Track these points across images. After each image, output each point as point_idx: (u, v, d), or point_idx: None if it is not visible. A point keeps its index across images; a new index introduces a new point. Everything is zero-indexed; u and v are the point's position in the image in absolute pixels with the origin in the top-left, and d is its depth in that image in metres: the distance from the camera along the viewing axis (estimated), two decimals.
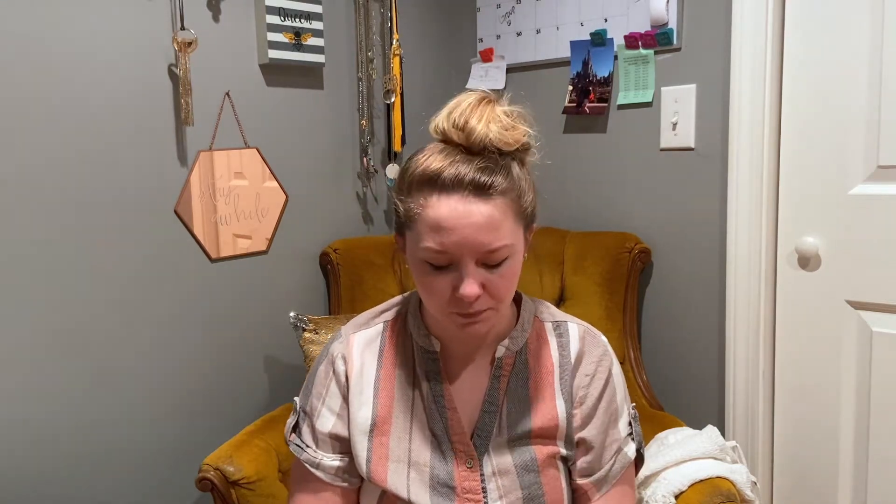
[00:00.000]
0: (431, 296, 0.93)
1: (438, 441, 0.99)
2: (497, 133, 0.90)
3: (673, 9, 1.76)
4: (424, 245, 0.89)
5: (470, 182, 0.88)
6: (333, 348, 1.06)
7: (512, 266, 0.92)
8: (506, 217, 0.90)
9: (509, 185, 0.91)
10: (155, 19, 1.62)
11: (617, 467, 1.02)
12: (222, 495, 1.42)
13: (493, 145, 0.90)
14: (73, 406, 1.57)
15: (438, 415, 1.00)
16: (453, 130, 0.91)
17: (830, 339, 1.65)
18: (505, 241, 0.90)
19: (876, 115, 1.53)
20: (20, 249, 1.48)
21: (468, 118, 0.90)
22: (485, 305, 0.91)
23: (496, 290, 0.91)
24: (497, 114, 0.91)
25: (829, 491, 1.68)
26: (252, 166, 1.82)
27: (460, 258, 0.89)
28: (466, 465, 0.99)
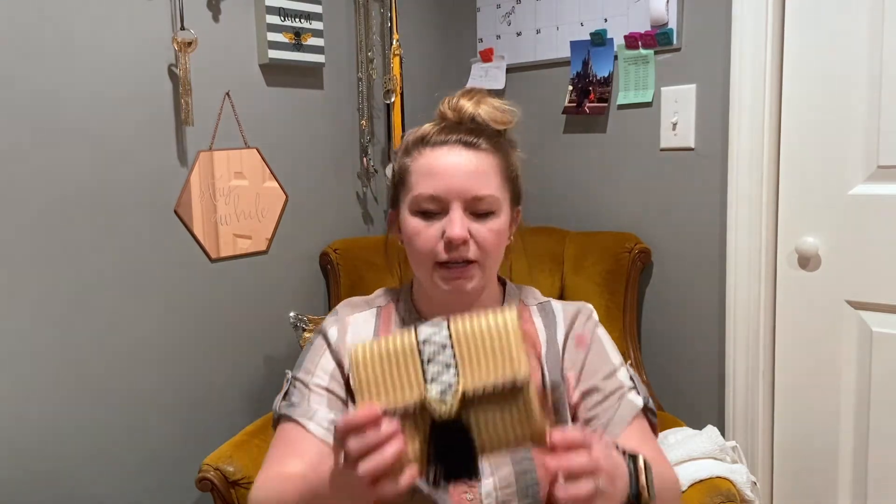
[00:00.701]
0: (421, 249, 0.98)
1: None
2: (486, 112, 1.01)
3: (673, 9, 1.76)
4: (416, 193, 0.97)
5: (458, 139, 0.99)
6: (328, 323, 1.08)
7: (498, 224, 0.99)
8: (492, 171, 0.99)
9: (495, 148, 1.01)
10: (155, 19, 1.62)
11: (623, 412, 1.00)
12: (222, 495, 1.42)
13: (482, 121, 1.01)
14: (73, 406, 1.57)
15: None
16: (448, 110, 1.03)
17: (830, 339, 1.65)
18: (492, 191, 0.98)
19: (876, 116, 1.53)
20: (19, 249, 1.48)
21: (460, 99, 1.03)
22: (471, 255, 0.97)
23: (482, 241, 0.97)
24: (488, 100, 1.03)
25: (828, 491, 1.68)
26: (252, 166, 1.82)
27: (449, 203, 0.96)
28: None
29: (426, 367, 0.72)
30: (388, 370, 0.72)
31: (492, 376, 0.71)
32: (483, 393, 0.72)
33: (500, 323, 0.73)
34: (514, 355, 0.72)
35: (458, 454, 0.72)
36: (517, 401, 0.72)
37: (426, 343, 0.73)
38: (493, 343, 0.72)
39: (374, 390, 0.72)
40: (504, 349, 0.72)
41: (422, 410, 0.72)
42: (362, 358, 0.73)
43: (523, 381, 0.71)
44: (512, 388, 0.71)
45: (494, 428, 0.72)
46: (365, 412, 0.69)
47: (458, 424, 0.72)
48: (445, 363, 0.72)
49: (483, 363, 0.72)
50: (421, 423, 0.72)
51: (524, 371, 0.71)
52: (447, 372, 0.72)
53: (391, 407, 0.71)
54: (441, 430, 0.72)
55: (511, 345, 0.72)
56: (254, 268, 1.85)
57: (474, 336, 0.73)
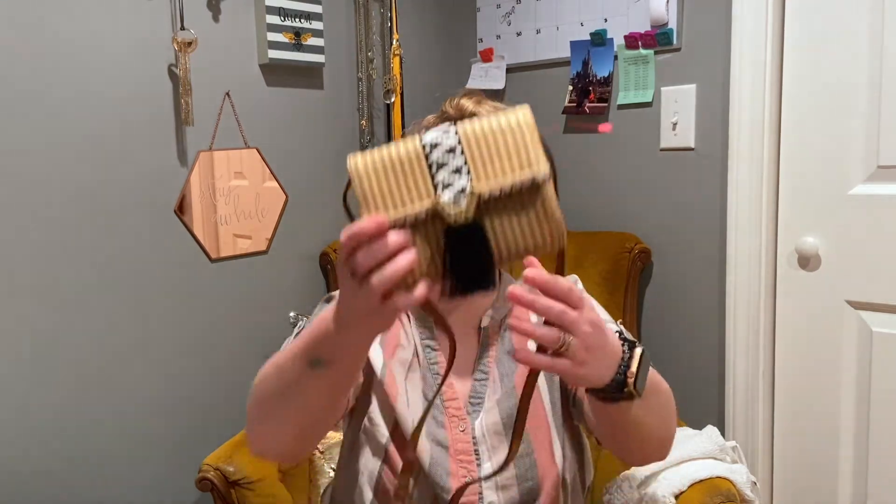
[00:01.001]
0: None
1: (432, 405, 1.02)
2: (487, 111, 1.02)
3: (673, 9, 1.76)
4: None
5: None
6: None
7: None
8: None
9: None
10: (155, 19, 1.62)
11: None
12: (222, 495, 1.42)
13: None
14: (73, 405, 1.57)
15: (433, 381, 1.03)
16: (449, 108, 1.04)
17: (830, 339, 1.65)
18: None
19: (876, 116, 1.53)
20: (19, 249, 1.48)
21: (461, 98, 1.05)
22: None
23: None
24: (488, 101, 1.05)
25: (829, 491, 1.68)
26: (252, 166, 1.82)
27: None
28: (459, 430, 1.01)
29: (435, 173, 0.66)
30: (394, 179, 0.66)
31: (508, 176, 0.66)
32: (500, 195, 0.66)
33: (511, 121, 0.67)
34: (530, 152, 0.66)
35: (474, 263, 0.67)
36: (535, 201, 0.66)
37: (433, 147, 0.67)
38: (507, 141, 0.67)
39: (381, 202, 0.66)
40: (519, 147, 0.66)
41: (433, 219, 0.66)
42: (363, 168, 0.67)
43: (543, 178, 0.66)
44: (530, 188, 0.66)
45: (512, 232, 0.67)
46: (371, 221, 0.63)
47: (474, 230, 0.66)
48: (456, 167, 0.67)
49: (497, 163, 0.66)
50: (433, 232, 0.66)
51: (543, 168, 0.66)
52: (459, 176, 0.66)
53: (400, 217, 0.65)
54: (455, 239, 0.66)
55: (527, 142, 0.66)
56: (254, 268, 1.85)
57: (485, 136, 0.67)
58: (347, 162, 0.68)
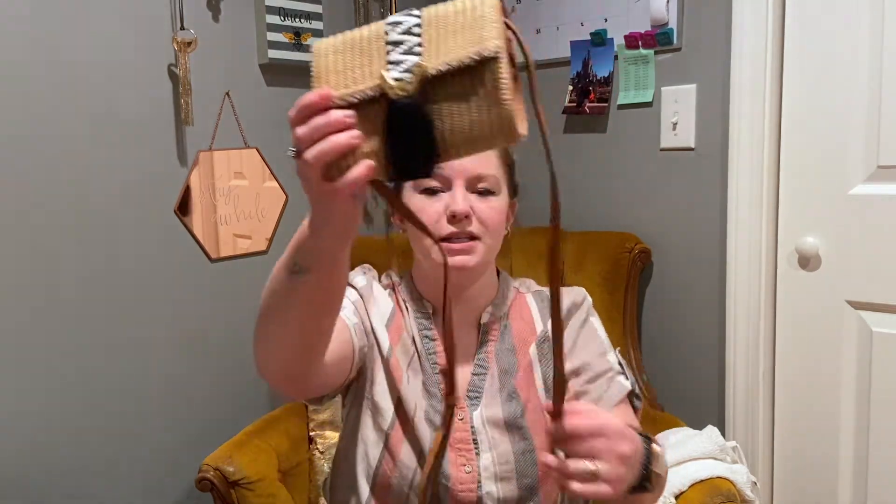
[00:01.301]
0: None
1: (431, 396, 1.03)
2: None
3: (673, 9, 1.76)
4: None
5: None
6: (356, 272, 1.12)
7: (498, 203, 1.03)
8: (492, 154, 1.03)
9: None
10: (155, 19, 1.62)
11: (613, 392, 1.02)
12: (222, 495, 1.42)
13: None
14: (73, 406, 1.57)
15: (432, 371, 1.05)
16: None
17: (830, 339, 1.64)
18: (493, 171, 1.02)
19: (876, 115, 1.53)
20: (19, 249, 1.48)
21: None
22: (474, 230, 1.00)
23: (484, 217, 1.00)
24: None
25: (829, 491, 1.68)
26: (252, 166, 1.82)
27: (452, 180, 1.00)
28: (458, 418, 1.02)
29: (390, 52, 0.64)
30: (350, 57, 0.64)
31: (458, 53, 0.62)
32: (448, 72, 0.62)
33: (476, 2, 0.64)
34: (484, 29, 0.62)
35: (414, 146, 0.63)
36: (483, 81, 0.62)
37: (394, 26, 0.65)
38: (465, 21, 0.63)
39: (333, 79, 0.64)
40: (475, 26, 0.63)
41: (381, 99, 0.63)
42: (324, 46, 0.65)
43: (492, 52, 0.62)
44: (479, 66, 0.62)
45: (458, 115, 0.63)
46: (315, 93, 0.63)
47: (418, 110, 0.63)
48: (409, 46, 0.64)
49: (451, 41, 0.63)
50: (378, 112, 0.63)
51: (493, 44, 0.62)
52: (411, 53, 0.63)
53: (348, 93, 0.63)
54: (396, 118, 0.63)
55: (484, 20, 0.63)
56: (254, 268, 1.85)
57: (446, 16, 0.64)
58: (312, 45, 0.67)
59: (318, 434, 1.66)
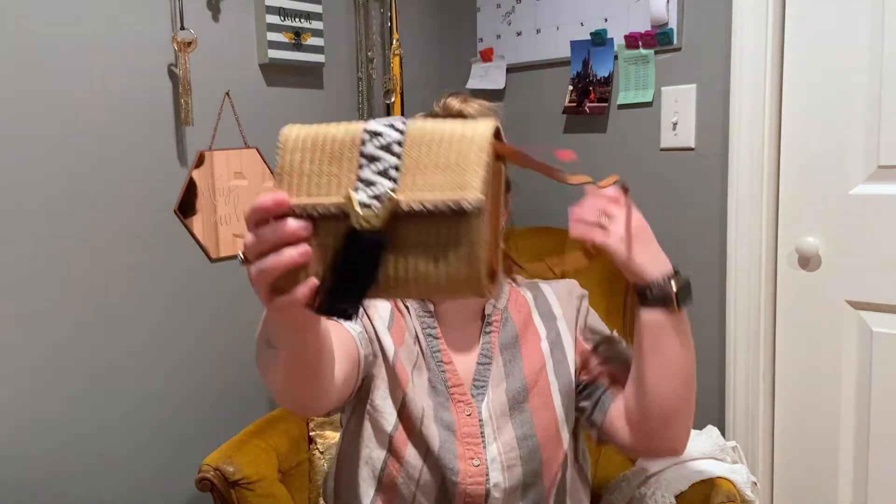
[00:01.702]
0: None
1: (437, 393, 1.05)
2: (473, 108, 1.09)
3: (673, 8, 1.76)
4: None
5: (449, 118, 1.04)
6: None
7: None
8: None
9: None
10: (155, 19, 1.62)
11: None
12: (222, 496, 1.42)
13: (469, 115, 1.09)
14: (73, 406, 1.57)
15: (437, 369, 1.06)
16: (436, 108, 1.12)
17: (831, 339, 1.64)
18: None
19: (876, 115, 1.53)
20: (19, 250, 1.47)
21: (448, 98, 1.11)
22: None
23: None
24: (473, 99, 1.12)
25: (829, 491, 1.68)
26: (252, 166, 1.82)
27: None
28: (465, 414, 1.04)
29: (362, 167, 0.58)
30: (318, 161, 0.59)
31: (436, 192, 0.56)
32: (419, 211, 0.56)
33: (467, 132, 0.58)
34: (468, 173, 0.56)
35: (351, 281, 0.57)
36: (459, 235, 0.56)
37: (373, 136, 0.59)
38: (451, 153, 0.57)
39: (296, 182, 0.59)
40: (460, 166, 0.57)
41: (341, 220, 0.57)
42: (293, 139, 0.60)
43: (472, 206, 0.56)
44: (455, 217, 0.56)
45: (423, 263, 0.57)
46: (271, 198, 0.58)
47: (377, 248, 0.57)
48: (386, 167, 0.58)
49: (430, 176, 0.57)
50: (335, 232, 0.58)
51: (475, 196, 0.56)
52: (386, 176, 0.57)
53: (309, 204, 0.58)
54: (354, 252, 0.57)
55: (470, 159, 0.57)
56: None
57: (432, 141, 0.58)
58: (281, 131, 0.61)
59: (318, 434, 1.66)
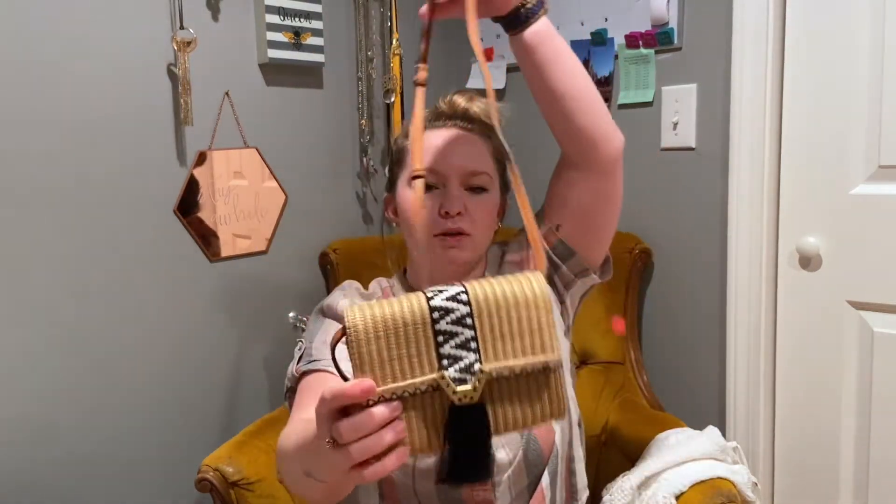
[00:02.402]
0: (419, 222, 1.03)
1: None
2: (479, 107, 1.11)
3: (674, 8, 1.76)
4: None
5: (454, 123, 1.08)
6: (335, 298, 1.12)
7: (491, 201, 1.07)
8: (485, 152, 1.07)
9: (487, 133, 1.08)
10: (154, 19, 1.62)
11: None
12: (221, 496, 1.41)
13: (475, 114, 1.10)
14: (72, 406, 1.57)
15: None
16: (441, 104, 1.12)
17: (831, 339, 1.64)
18: (485, 168, 1.06)
19: (877, 115, 1.53)
20: (19, 250, 1.47)
21: (454, 96, 1.12)
22: (465, 227, 1.03)
23: (476, 214, 1.04)
24: (478, 98, 1.13)
25: (830, 491, 1.67)
26: (251, 166, 1.82)
27: (447, 177, 1.03)
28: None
29: (441, 344, 0.63)
30: (395, 345, 0.62)
31: (521, 357, 0.63)
32: (508, 375, 0.63)
33: (528, 294, 0.64)
34: (545, 336, 0.64)
35: (473, 449, 0.63)
36: (544, 386, 0.64)
37: (442, 314, 0.63)
38: (521, 318, 0.64)
39: (379, 369, 0.62)
40: (533, 327, 0.64)
41: (434, 392, 0.62)
42: (363, 328, 0.62)
43: (555, 365, 0.64)
44: (540, 372, 0.64)
45: (514, 411, 0.64)
46: (358, 387, 0.60)
47: (477, 412, 0.62)
48: (465, 340, 0.63)
49: (510, 343, 0.63)
50: (431, 407, 0.62)
51: (556, 354, 0.64)
52: (466, 350, 0.63)
53: (399, 388, 0.62)
54: (457, 418, 0.62)
55: (542, 323, 0.64)
56: (254, 268, 1.85)
57: (498, 308, 0.64)
58: (345, 315, 0.63)
59: None
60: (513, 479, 1.03)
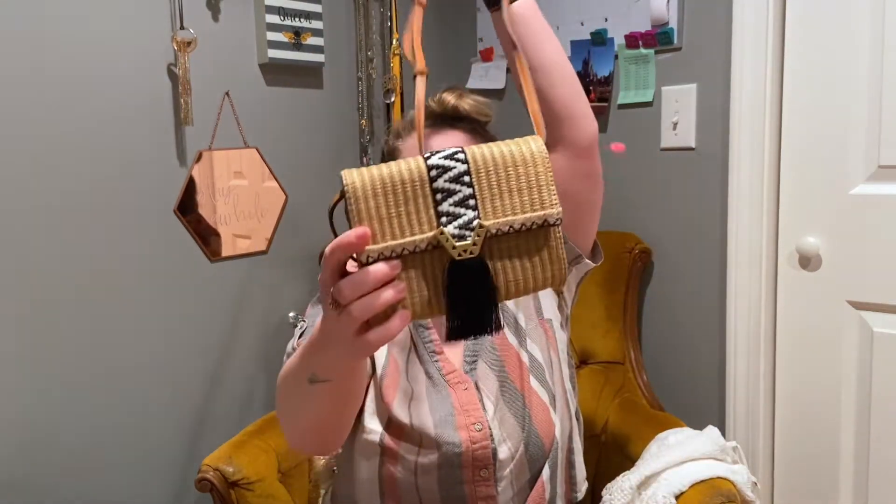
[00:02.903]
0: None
1: (434, 381, 1.07)
2: (468, 104, 1.11)
3: (673, 8, 1.76)
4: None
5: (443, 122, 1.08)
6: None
7: None
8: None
9: (476, 130, 1.09)
10: (155, 19, 1.62)
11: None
12: (221, 496, 1.41)
13: (465, 111, 1.10)
14: (72, 406, 1.57)
15: (430, 359, 1.09)
16: (432, 103, 1.12)
17: (831, 339, 1.64)
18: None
19: (876, 115, 1.53)
20: (19, 249, 1.47)
21: (443, 93, 1.12)
22: None
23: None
24: (469, 94, 1.12)
25: (829, 491, 1.68)
26: (252, 166, 1.82)
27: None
28: (462, 388, 1.06)
29: (440, 201, 0.62)
30: (394, 203, 0.62)
31: (520, 214, 0.63)
32: (508, 231, 0.63)
33: (525, 152, 0.64)
34: (543, 191, 0.63)
35: (478, 303, 0.63)
36: (544, 242, 0.64)
37: (440, 172, 0.62)
38: (520, 175, 0.63)
39: (378, 227, 0.62)
40: (532, 183, 0.63)
41: (433, 251, 0.62)
42: (360, 186, 0.62)
43: (555, 220, 0.64)
44: (539, 228, 0.64)
45: (515, 271, 0.64)
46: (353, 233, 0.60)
47: (478, 267, 0.62)
48: (463, 197, 0.62)
49: (508, 198, 0.63)
50: (431, 266, 0.62)
51: (557, 209, 0.64)
52: (465, 207, 0.62)
53: (398, 245, 0.61)
54: (458, 275, 0.62)
55: (540, 179, 0.64)
56: (254, 268, 1.85)
57: (496, 166, 0.63)
58: (342, 177, 0.63)
59: None
60: (514, 474, 1.04)
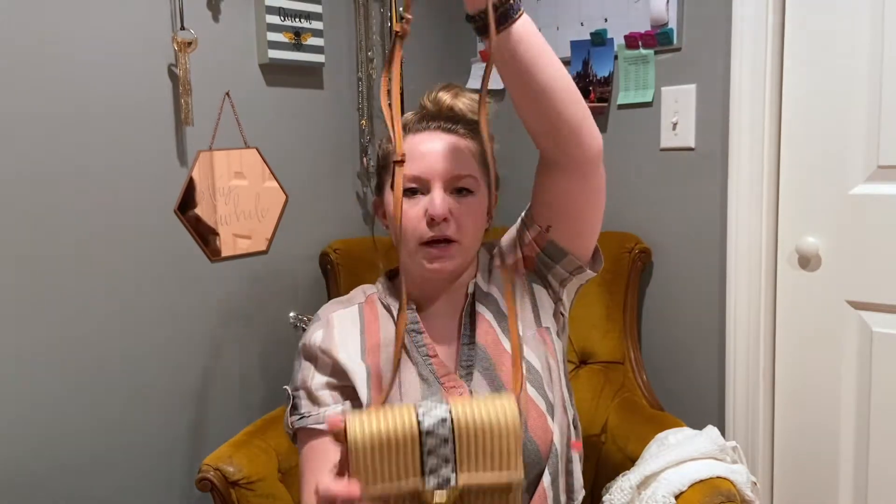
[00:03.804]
0: (405, 228, 1.03)
1: (429, 384, 1.06)
2: (464, 103, 1.10)
3: (673, 9, 1.76)
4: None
5: (437, 125, 1.07)
6: (312, 332, 1.13)
7: (476, 204, 1.06)
8: (470, 154, 1.06)
9: (471, 134, 1.08)
10: (155, 19, 1.62)
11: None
12: (222, 495, 1.42)
13: (460, 111, 1.10)
14: (72, 406, 1.57)
15: (424, 362, 1.08)
16: (427, 102, 1.12)
17: (831, 339, 1.64)
18: (470, 171, 1.05)
19: (876, 115, 1.53)
20: (19, 250, 1.48)
21: (439, 92, 1.11)
22: (452, 234, 1.02)
23: (461, 220, 1.03)
24: (465, 93, 1.12)
25: (829, 491, 1.68)
26: (252, 166, 1.82)
27: (430, 183, 1.03)
28: (458, 393, 1.06)
29: (425, 458, 0.76)
30: (387, 455, 0.76)
31: (489, 476, 0.77)
32: (475, 490, 0.77)
33: (502, 419, 0.77)
34: (511, 458, 0.77)
35: None
36: (505, 500, 0.79)
37: (429, 435, 0.76)
38: (494, 441, 0.77)
39: (371, 475, 0.76)
40: (503, 450, 0.77)
41: (414, 497, 0.77)
42: (361, 440, 0.75)
43: (517, 483, 0.78)
44: (504, 487, 0.78)
45: None
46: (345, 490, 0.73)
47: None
48: (445, 457, 0.76)
49: (481, 461, 0.77)
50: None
51: (519, 476, 0.77)
52: (446, 466, 0.76)
53: (386, 491, 0.75)
54: None
55: (510, 448, 0.77)
56: (254, 268, 1.85)
57: (475, 432, 0.77)
58: (347, 425, 0.76)
59: None
60: None
